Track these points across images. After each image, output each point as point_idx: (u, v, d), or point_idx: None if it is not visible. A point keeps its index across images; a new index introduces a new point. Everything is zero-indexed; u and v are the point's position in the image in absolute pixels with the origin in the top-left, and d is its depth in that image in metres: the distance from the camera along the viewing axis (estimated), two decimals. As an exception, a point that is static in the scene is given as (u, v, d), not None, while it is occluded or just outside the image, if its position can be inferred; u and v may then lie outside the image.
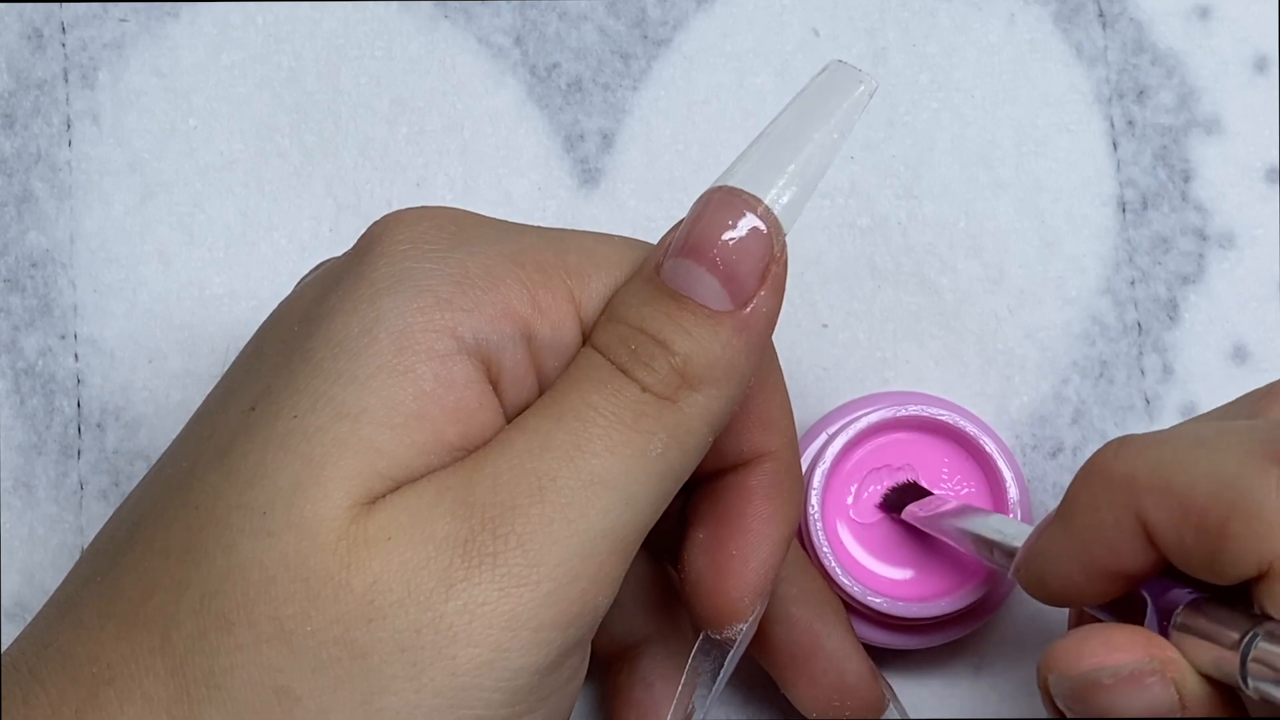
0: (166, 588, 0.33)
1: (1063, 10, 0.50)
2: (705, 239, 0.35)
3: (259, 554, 0.32)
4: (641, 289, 0.35)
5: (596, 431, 0.34)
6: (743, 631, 0.39)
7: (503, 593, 0.32)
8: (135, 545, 0.34)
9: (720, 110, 0.49)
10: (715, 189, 0.35)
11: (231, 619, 0.32)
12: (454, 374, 0.34)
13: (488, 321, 0.35)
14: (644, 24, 0.49)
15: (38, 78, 0.49)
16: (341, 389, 0.33)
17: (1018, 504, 0.45)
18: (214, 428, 0.35)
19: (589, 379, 0.35)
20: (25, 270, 0.48)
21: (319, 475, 0.33)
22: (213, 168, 0.49)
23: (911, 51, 0.50)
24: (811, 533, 0.45)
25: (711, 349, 0.35)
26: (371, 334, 0.34)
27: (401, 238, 0.36)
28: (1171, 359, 0.49)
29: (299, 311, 0.36)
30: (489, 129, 0.49)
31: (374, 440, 0.33)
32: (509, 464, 0.33)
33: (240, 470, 0.33)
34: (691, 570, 0.38)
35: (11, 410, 0.48)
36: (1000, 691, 0.48)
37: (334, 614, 0.32)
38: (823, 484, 0.45)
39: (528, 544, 0.33)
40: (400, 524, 0.33)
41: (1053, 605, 0.38)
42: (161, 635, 0.33)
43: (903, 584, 0.46)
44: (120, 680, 0.33)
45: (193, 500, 0.34)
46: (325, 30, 0.49)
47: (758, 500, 0.38)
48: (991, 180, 0.49)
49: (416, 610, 0.32)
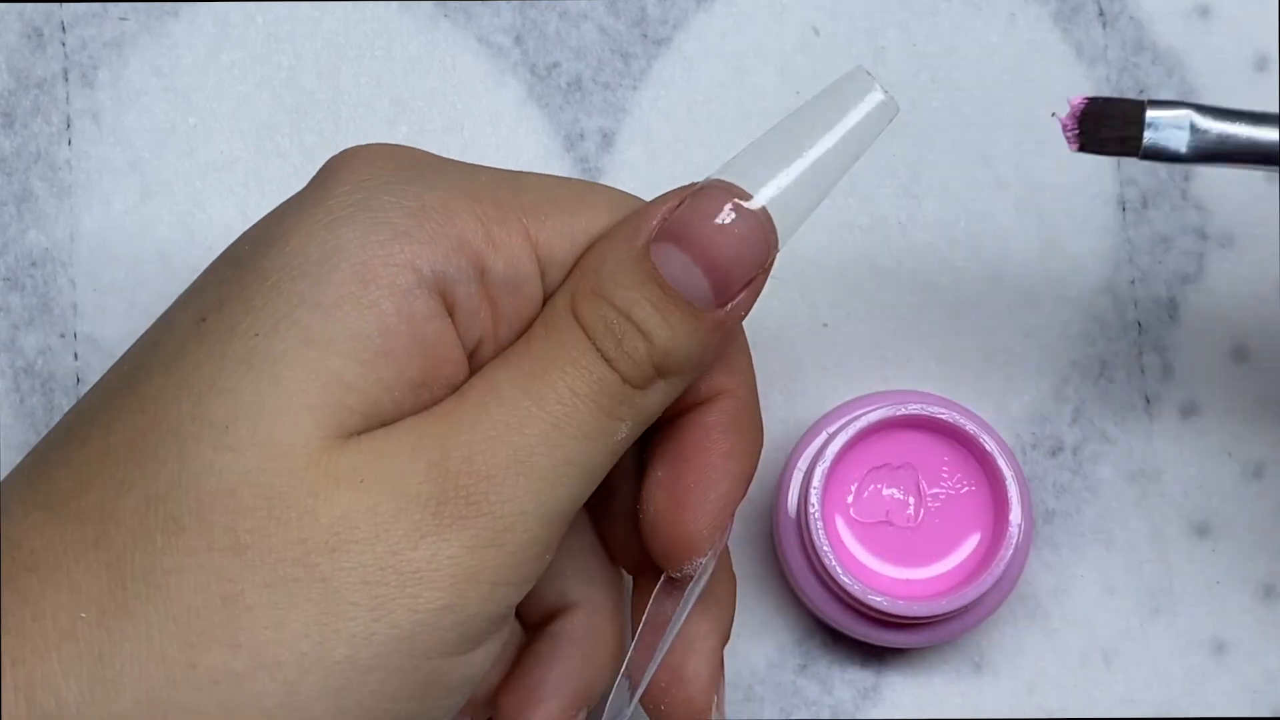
0: (106, 485, 0.33)
1: (1063, 10, 0.50)
2: (700, 231, 0.36)
3: (219, 466, 0.33)
4: (631, 269, 0.36)
5: (576, 418, 0.35)
6: (701, 566, 0.39)
7: (469, 551, 0.34)
8: (69, 442, 0.34)
9: (720, 110, 0.49)
10: (709, 180, 0.36)
11: (182, 523, 0.33)
12: (415, 309, 0.34)
13: (444, 255, 0.35)
14: (644, 23, 0.50)
15: (38, 77, 0.49)
16: (306, 314, 0.34)
17: (1018, 504, 0.45)
18: (159, 337, 0.35)
19: (572, 361, 0.35)
20: (25, 269, 0.48)
21: (288, 401, 0.33)
22: (213, 167, 0.49)
23: (911, 51, 0.50)
24: (812, 532, 0.45)
25: (689, 345, 0.36)
26: (332, 262, 0.34)
27: (359, 170, 0.36)
28: (1171, 358, 0.49)
29: (252, 234, 0.37)
30: (489, 129, 0.49)
31: (343, 373, 0.34)
32: (485, 434, 0.34)
33: (194, 380, 0.34)
34: (650, 508, 0.39)
35: (11, 409, 0.48)
36: (1001, 689, 0.48)
37: (296, 536, 0.33)
38: (823, 483, 0.45)
39: (498, 512, 0.34)
40: (374, 470, 0.33)
41: None
42: (97, 530, 0.33)
43: (903, 583, 0.46)
44: (45, 568, 0.33)
45: (137, 404, 0.34)
46: (325, 30, 0.49)
47: (716, 435, 0.38)
48: (991, 180, 0.49)
49: (384, 551, 0.33)
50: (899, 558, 0.46)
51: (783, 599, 0.48)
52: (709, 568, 0.39)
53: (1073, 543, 0.48)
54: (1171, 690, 0.48)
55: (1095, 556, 0.48)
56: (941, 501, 0.46)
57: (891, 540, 0.46)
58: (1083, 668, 0.48)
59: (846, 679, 0.48)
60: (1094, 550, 0.48)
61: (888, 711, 0.48)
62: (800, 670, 0.48)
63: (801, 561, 0.46)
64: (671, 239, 0.36)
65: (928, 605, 0.45)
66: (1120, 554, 0.48)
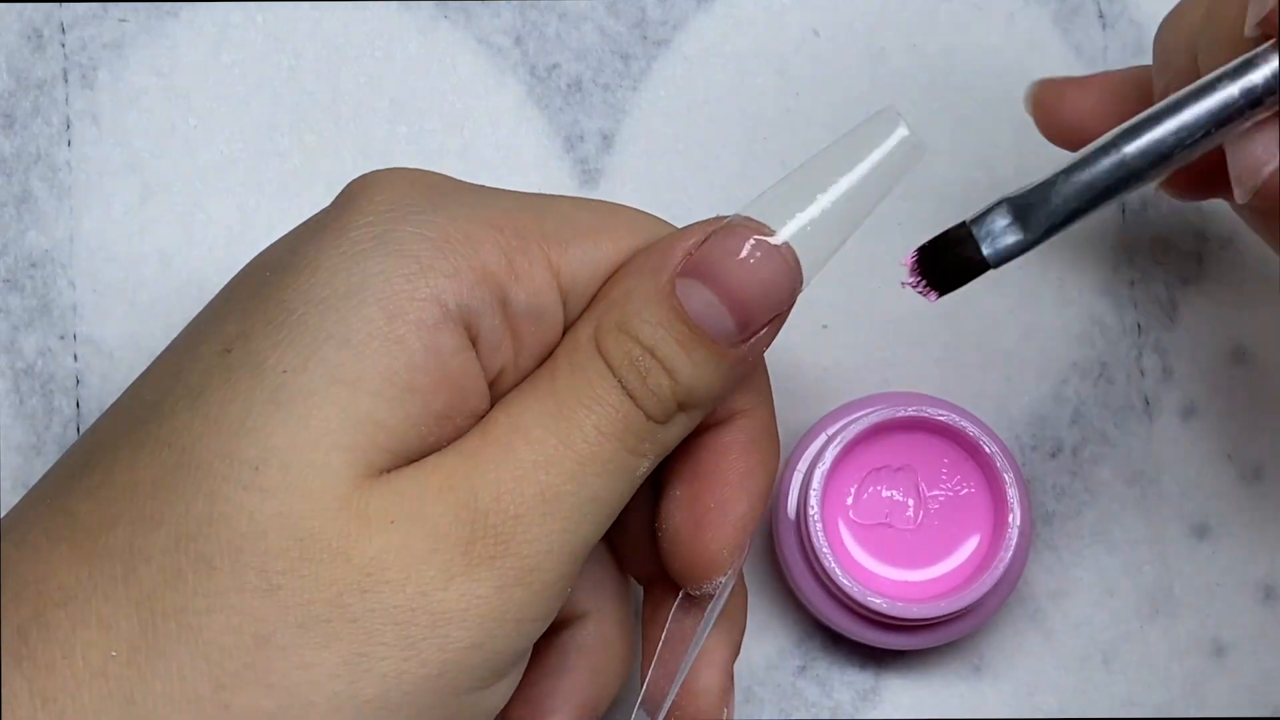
0: (134, 521, 0.33)
1: (1063, 10, 0.50)
2: (725, 268, 0.36)
3: (250, 507, 0.33)
4: (656, 304, 0.36)
5: (601, 456, 0.35)
6: (721, 585, 0.39)
7: (497, 591, 0.34)
8: (92, 472, 0.34)
9: (720, 110, 0.49)
10: (735, 215, 0.36)
11: (214, 564, 0.33)
12: (441, 343, 0.35)
13: (468, 287, 0.35)
14: (644, 24, 0.49)
15: (37, 78, 0.49)
16: (333, 351, 0.34)
17: (1018, 504, 0.45)
18: (181, 366, 0.35)
19: (598, 399, 0.36)
20: (24, 270, 0.48)
21: (319, 441, 0.33)
22: (213, 167, 0.49)
23: (911, 51, 0.50)
24: (811, 533, 0.45)
25: (711, 381, 0.36)
26: (358, 297, 0.34)
27: (381, 197, 0.36)
28: (1171, 359, 0.49)
29: (271, 260, 0.37)
30: (489, 129, 0.49)
31: (373, 412, 0.34)
32: (512, 474, 0.35)
33: (222, 418, 0.34)
34: (669, 526, 0.39)
35: (11, 410, 0.48)
36: (1000, 691, 0.48)
37: (328, 578, 0.33)
38: (822, 484, 0.45)
39: (525, 552, 0.34)
40: (404, 511, 0.34)
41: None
42: (126, 567, 0.33)
43: (902, 584, 0.46)
44: (75, 604, 0.33)
45: (163, 438, 0.34)
46: (325, 30, 0.49)
47: (735, 455, 0.39)
48: (991, 180, 0.49)
49: (415, 592, 0.33)
50: (898, 559, 0.46)
51: (782, 600, 0.48)
52: (729, 586, 0.39)
53: (1072, 544, 0.48)
54: (1171, 692, 0.48)
55: (1095, 558, 0.48)
56: (941, 503, 0.46)
57: (891, 542, 0.46)
58: (1082, 669, 0.48)
59: (846, 680, 0.48)
60: (1093, 552, 0.48)
61: (887, 713, 0.48)
62: (799, 672, 0.48)
63: (801, 563, 0.46)
64: (696, 274, 0.36)
65: (927, 607, 0.45)
66: (1120, 555, 0.48)
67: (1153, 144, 0.34)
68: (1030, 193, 0.35)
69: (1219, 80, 0.34)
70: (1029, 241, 0.35)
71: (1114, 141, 0.35)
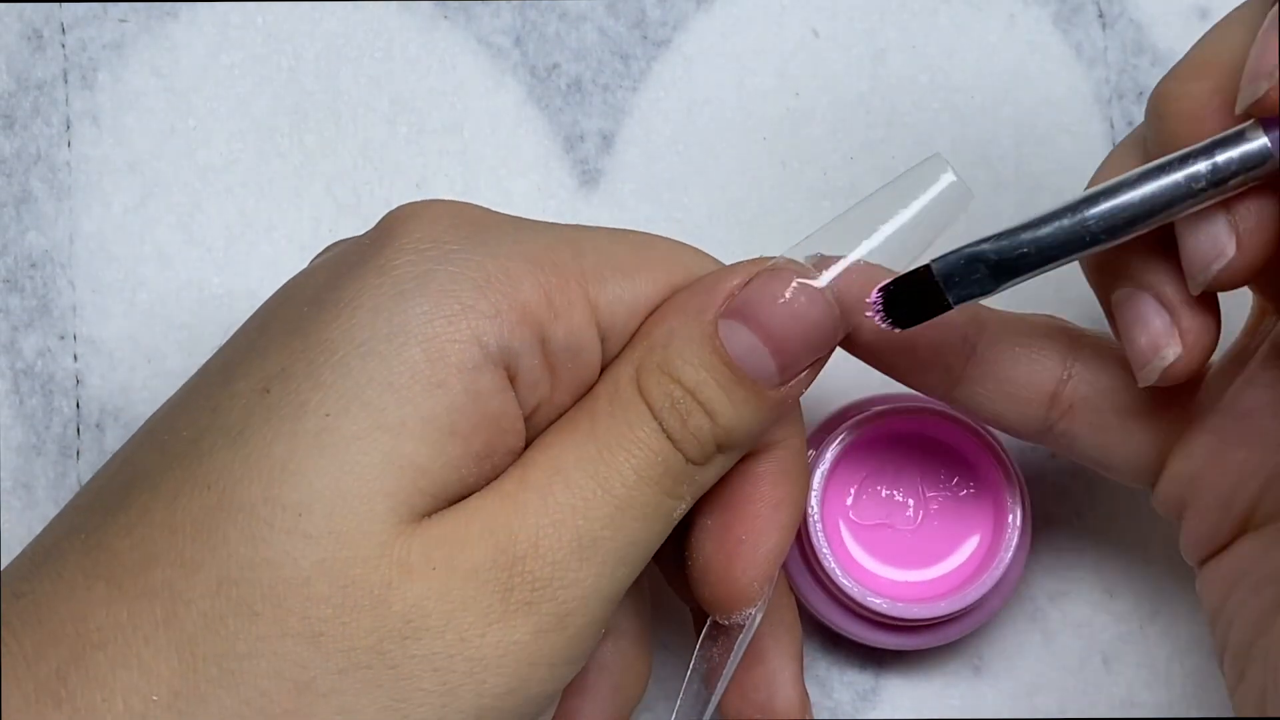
0: (173, 563, 0.33)
1: (1062, 11, 0.50)
2: (768, 311, 0.36)
3: (293, 552, 0.33)
4: (699, 346, 0.36)
5: (640, 500, 0.36)
6: (751, 616, 0.39)
7: (534, 637, 0.34)
8: (129, 509, 0.34)
9: (720, 110, 0.49)
10: (778, 258, 0.37)
11: (256, 609, 0.33)
12: (481, 385, 0.35)
13: (509, 329, 0.35)
14: (644, 24, 0.49)
15: (37, 78, 0.49)
16: (376, 395, 0.34)
17: (1018, 505, 0.45)
18: (219, 402, 0.35)
19: (638, 442, 0.36)
20: (24, 270, 0.48)
21: (363, 488, 0.33)
22: (212, 168, 0.49)
23: (911, 51, 0.50)
24: (811, 534, 0.45)
25: (751, 423, 0.37)
26: (400, 339, 0.34)
27: (420, 233, 0.36)
28: (1171, 359, 0.49)
29: (309, 293, 0.36)
30: (489, 129, 0.49)
31: (416, 458, 0.34)
32: (551, 519, 0.35)
33: (264, 460, 0.34)
34: (700, 556, 0.39)
35: (11, 411, 0.48)
36: (1000, 691, 0.48)
37: (370, 625, 0.33)
38: (822, 485, 0.45)
39: (562, 597, 0.35)
40: (444, 558, 0.34)
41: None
42: (166, 609, 0.33)
43: (902, 584, 0.46)
44: (114, 645, 0.33)
45: (202, 478, 0.34)
46: (325, 30, 0.49)
47: (766, 486, 0.39)
48: (992, 180, 0.49)
49: (454, 638, 0.34)
50: (898, 560, 0.46)
51: (782, 601, 0.48)
52: (758, 616, 0.39)
53: (1072, 545, 0.48)
54: (1171, 693, 0.48)
55: (1095, 559, 0.48)
56: (941, 504, 0.46)
57: (891, 543, 0.46)
58: (1082, 670, 0.48)
59: (845, 681, 0.48)
60: (1093, 552, 0.48)
61: (886, 713, 0.48)
62: (799, 672, 0.48)
63: (800, 564, 0.46)
64: (739, 317, 0.36)
65: (927, 608, 0.45)
66: (1120, 557, 0.48)
67: (1113, 212, 0.35)
68: (991, 244, 0.35)
69: (1190, 157, 0.34)
70: (988, 290, 0.35)
71: (1078, 204, 0.35)
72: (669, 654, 0.46)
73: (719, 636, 0.40)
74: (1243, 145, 0.34)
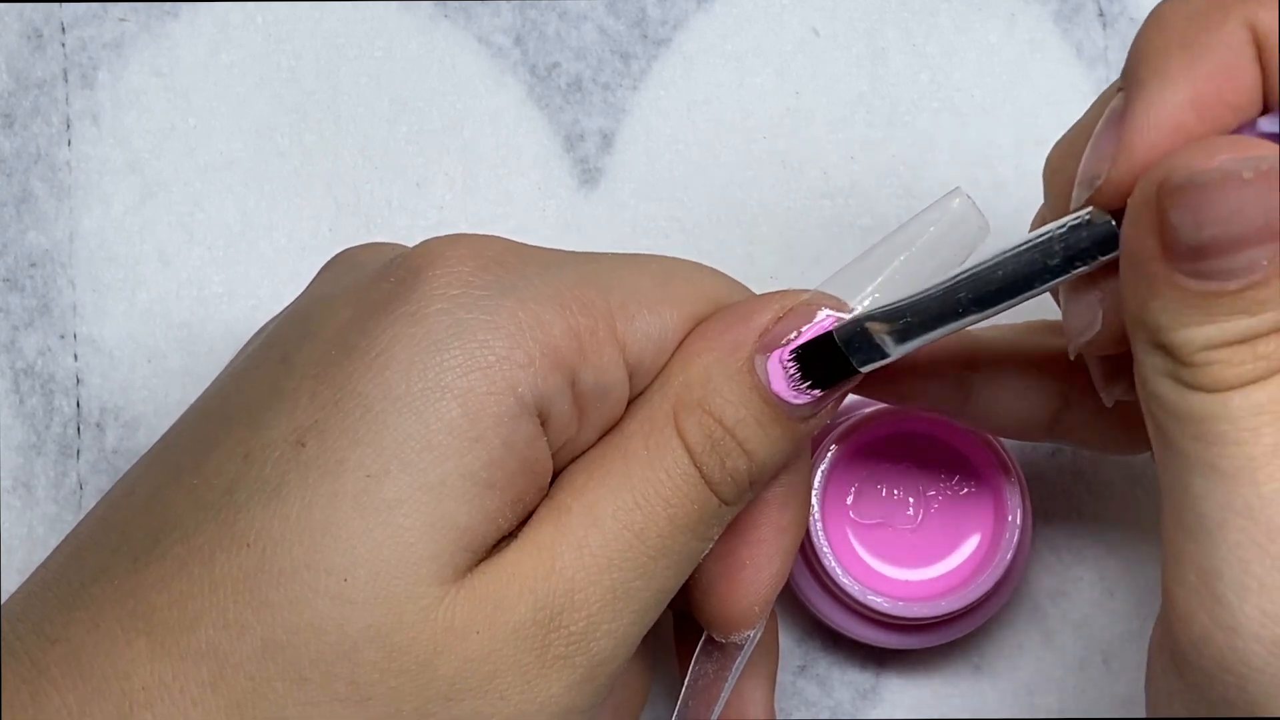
0: (217, 624, 0.33)
1: (1063, 10, 0.50)
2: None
3: (339, 618, 0.33)
4: (737, 385, 0.36)
5: (674, 547, 0.36)
6: (749, 638, 0.39)
7: (567, 689, 0.35)
8: (163, 559, 0.34)
9: (720, 110, 0.49)
10: (810, 292, 0.37)
11: (305, 674, 0.33)
12: (517, 435, 0.35)
13: (542, 376, 0.35)
14: (644, 24, 0.49)
15: (37, 78, 0.49)
16: (415, 454, 0.34)
17: (1018, 505, 0.45)
18: (250, 449, 0.35)
19: (676, 490, 0.36)
20: (24, 270, 0.48)
21: (407, 553, 0.34)
22: (212, 167, 0.49)
23: (911, 51, 0.50)
24: (812, 533, 0.45)
25: (778, 455, 0.37)
26: (436, 394, 0.34)
27: (449, 281, 0.36)
28: (1171, 359, 0.49)
29: (333, 332, 0.36)
30: (489, 129, 0.49)
31: (457, 517, 0.34)
32: (587, 571, 0.35)
33: (305, 521, 0.33)
34: (703, 577, 0.39)
35: (11, 410, 0.48)
36: (1000, 691, 0.48)
37: (416, 688, 0.33)
38: (823, 484, 0.45)
39: (595, 649, 0.35)
40: (486, 618, 0.34)
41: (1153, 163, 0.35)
42: (213, 672, 0.33)
43: (902, 584, 0.46)
44: (162, 705, 0.33)
45: (240, 535, 0.34)
46: (325, 30, 0.49)
47: (773, 511, 0.39)
48: (991, 180, 0.49)
49: (495, 697, 0.34)
50: (898, 559, 0.46)
51: (782, 600, 0.48)
52: (757, 636, 0.40)
53: (1072, 544, 0.48)
54: (1171, 691, 0.48)
55: (1095, 558, 0.48)
56: (941, 503, 0.46)
57: (891, 542, 0.46)
58: (1082, 669, 0.48)
59: (846, 680, 0.48)
60: (1093, 552, 0.48)
61: (887, 712, 0.48)
62: (799, 671, 0.48)
63: (801, 562, 0.46)
64: (770, 350, 0.37)
65: (927, 606, 0.45)
66: (1120, 556, 0.48)
67: (983, 286, 0.35)
68: (884, 315, 0.36)
69: (1048, 236, 0.35)
70: (889, 354, 0.36)
71: (955, 285, 0.36)
72: (653, 659, 0.46)
73: (714, 653, 0.40)
74: (1094, 226, 0.34)
